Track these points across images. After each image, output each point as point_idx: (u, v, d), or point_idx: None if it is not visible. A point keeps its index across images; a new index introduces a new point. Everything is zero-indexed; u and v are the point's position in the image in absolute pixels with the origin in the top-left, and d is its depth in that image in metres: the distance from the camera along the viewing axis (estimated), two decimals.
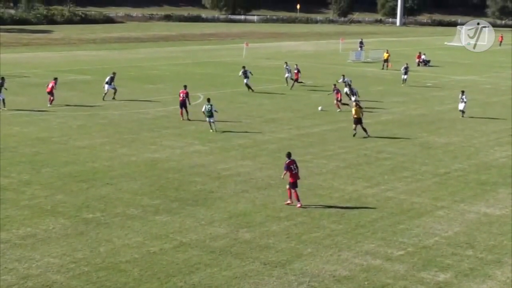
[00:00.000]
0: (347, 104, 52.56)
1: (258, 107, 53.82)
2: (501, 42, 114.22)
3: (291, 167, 29.81)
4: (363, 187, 32.91)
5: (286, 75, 65.99)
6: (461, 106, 50.96)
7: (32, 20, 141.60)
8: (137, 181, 33.02)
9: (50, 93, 51.81)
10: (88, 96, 56.42)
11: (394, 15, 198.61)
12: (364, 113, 44.20)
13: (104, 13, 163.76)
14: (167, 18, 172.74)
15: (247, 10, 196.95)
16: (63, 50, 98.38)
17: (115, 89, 55.08)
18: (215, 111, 44.67)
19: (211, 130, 44.27)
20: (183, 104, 47.48)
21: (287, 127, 46.13)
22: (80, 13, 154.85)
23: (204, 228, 27.02)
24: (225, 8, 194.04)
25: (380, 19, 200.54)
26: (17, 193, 30.60)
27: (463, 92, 51.77)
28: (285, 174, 30.08)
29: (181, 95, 47.70)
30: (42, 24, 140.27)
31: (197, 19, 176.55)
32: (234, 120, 48.29)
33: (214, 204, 29.91)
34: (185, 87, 48.68)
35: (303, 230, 26.95)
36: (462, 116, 50.61)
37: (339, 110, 52.14)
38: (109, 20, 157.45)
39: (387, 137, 43.93)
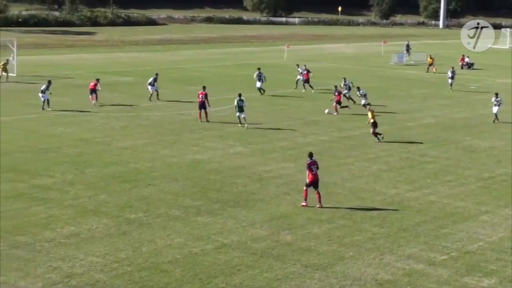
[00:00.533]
0: (347, 107, 52.40)
1: (299, 109, 53.77)
2: None
3: (312, 167, 29.93)
4: (405, 191, 32.72)
5: (298, 77, 65.06)
6: (495, 109, 50.11)
7: (76, 22, 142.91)
8: (179, 182, 33.18)
9: (93, 91, 52.34)
10: (130, 97, 56.79)
11: (436, 17, 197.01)
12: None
13: (147, 15, 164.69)
14: (209, 20, 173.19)
15: (288, 12, 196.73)
16: (106, 51, 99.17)
17: (157, 90, 55.54)
18: (244, 106, 45.85)
19: (239, 125, 44.93)
20: (202, 106, 47.45)
21: (329, 129, 46.04)
22: (123, 15, 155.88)
23: (245, 230, 27.08)
24: (266, 10, 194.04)
25: (423, 22, 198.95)
26: (61, 192, 30.93)
27: (497, 94, 50.98)
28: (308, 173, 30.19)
29: (200, 96, 47.67)
30: (86, 26, 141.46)
31: (239, 21, 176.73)
32: (275, 122, 48.30)
33: (255, 206, 29.95)
34: (204, 88, 48.70)
35: (345, 233, 26.88)
36: (494, 121, 49.73)
37: (336, 113, 51.63)
38: (151, 22, 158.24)
39: (430, 140, 43.62)
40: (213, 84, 64.50)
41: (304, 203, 30.06)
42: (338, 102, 52.18)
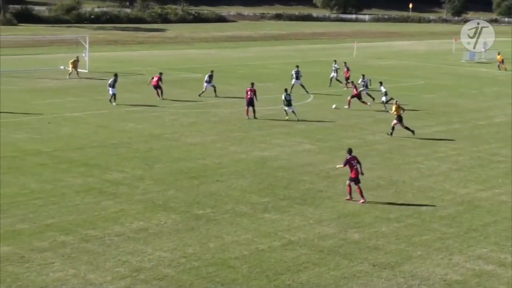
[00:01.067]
0: (365, 103, 51.80)
1: (368, 107, 53.37)
2: None
3: (352, 162, 29.95)
4: (476, 190, 32.25)
5: (332, 75, 64.29)
6: None
7: (147, 19, 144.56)
8: (246, 178, 33.29)
9: (157, 87, 52.95)
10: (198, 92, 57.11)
11: (510, 14, 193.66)
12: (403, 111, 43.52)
13: (217, 12, 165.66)
14: (278, 17, 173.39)
15: (358, 9, 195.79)
16: (176, 48, 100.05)
17: (214, 86, 55.78)
18: (291, 100, 47.00)
19: (287, 117, 46.29)
20: (250, 103, 47.25)
21: (397, 128, 45.58)
22: (193, 12, 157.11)
23: (312, 227, 27.02)
24: (336, 7, 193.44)
25: (496, 19, 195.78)
26: (130, 187, 31.31)
27: None
28: (341, 167, 30.66)
29: (249, 93, 47.39)
30: (156, 22, 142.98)
31: (308, 18, 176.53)
32: (343, 119, 48.09)
33: (322, 204, 29.87)
34: (252, 84, 48.59)
35: (413, 232, 26.61)
36: None
37: (346, 107, 51.55)
38: (221, 19, 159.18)
39: (502, 139, 42.90)
40: (282, 81, 64.50)
41: (348, 197, 30.13)
42: (357, 97, 51.71)
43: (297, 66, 61.15)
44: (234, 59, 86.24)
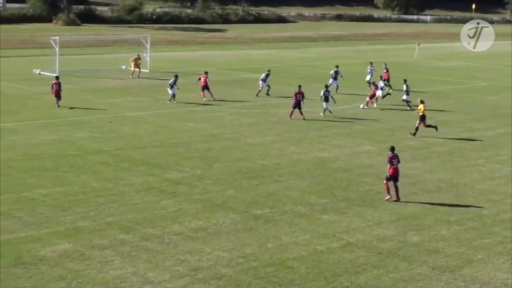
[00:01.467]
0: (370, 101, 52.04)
1: (429, 108, 52.83)
2: None
3: (393, 161, 29.92)
4: None
5: (368, 77, 63.34)
6: None
7: (208, 19, 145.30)
8: (305, 179, 33.24)
9: (206, 87, 53.10)
10: (259, 94, 57.18)
11: None
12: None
13: (277, 12, 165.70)
14: (339, 17, 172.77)
15: (420, 9, 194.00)
16: (236, 48, 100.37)
17: (268, 86, 55.90)
18: (332, 96, 47.71)
19: (321, 114, 46.88)
20: (297, 105, 46.83)
21: (459, 130, 45.11)
22: (254, 13, 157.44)
23: (371, 229, 26.85)
24: (397, 8, 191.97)
25: None
26: (190, 187, 31.50)
27: None
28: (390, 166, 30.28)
29: (297, 95, 46.99)
30: (217, 23, 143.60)
31: (369, 18, 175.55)
32: (404, 121, 47.70)
33: (382, 205, 29.66)
34: (300, 87, 48.16)
35: (474, 236, 26.26)
36: None
37: (363, 106, 51.29)
38: (281, 20, 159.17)
39: None
40: (342, 82, 64.25)
41: (387, 197, 29.98)
42: (372, 97, 51.54)
43: (337, 66, 60.78)
44: (294, 60, 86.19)
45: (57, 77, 50.79)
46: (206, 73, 54.77)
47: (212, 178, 32.89)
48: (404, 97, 51.95)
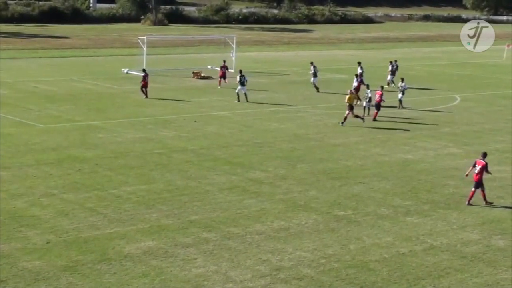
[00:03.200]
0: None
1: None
2: None
3: (476, 166, 29.50)
4: None
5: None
6: None
7: (294, 19, 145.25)
8: (389, 181, 32.93)
9: (223, 76, 57.96)
10: (344, 95, 56.87)
11: None
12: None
13: (363, 13, 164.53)
14: (426, 18, 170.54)
15: (510, 10, 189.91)
16: (322, 49, 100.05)
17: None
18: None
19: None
20: (378, 106, 46.46)
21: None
22: (340, 13, 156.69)
23: (455, 233, 26.45)
24: (486, 9, 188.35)
25: None
26: (273, 187, 31.56)
27: None
28: (470, 170, 29.93)
29: (377, 96, 46.62)
30: (303, 23, 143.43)
31: (457, 19, 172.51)
32: (492, 123, 46.84)
33: (467, 209, 29.18)
34: (382, 88, 47.73)
35: None
36: None
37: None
38: (368, 20, 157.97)
39: None
40: (427, 83, 63.59)
41: (468, 202, 29.70)
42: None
43: (395, 61, 61.68)
44: (380, 60, 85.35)
45: (144, 70, 54.27)
46: (224, 61, 60.15)
47: (295, 178, 32.89)
48: (400, 95, 50.87)
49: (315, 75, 57.78)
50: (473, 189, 29.59)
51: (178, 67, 70.76)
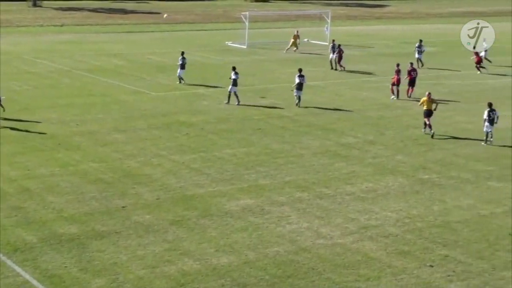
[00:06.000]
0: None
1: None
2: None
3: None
4: None
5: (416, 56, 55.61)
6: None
7: None
8: (471, 147, 32.35)
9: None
10: (431, 67, 55.79)
11: None
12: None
13: None
14: None
15: None
16: (412, 23, 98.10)
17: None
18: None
19: None
20: (412, 83, 43.18)
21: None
22: None
23: None
24: None
25: None
26: (362, 151, 31.37)
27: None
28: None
29: (412, 73, 43.33)
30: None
31: None
32: None
33: None
34: (412, 64, 44.74)
35: None
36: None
37: (393, 97, 43.22)
38: None
39: None
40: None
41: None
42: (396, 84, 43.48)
43: (421, 41, 56.47)
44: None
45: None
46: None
47: (383, 144, 32.60)
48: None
49: (419, 52, 55.22)
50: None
51: (276, 40, 70.62)
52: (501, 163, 29.85)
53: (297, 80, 40.20)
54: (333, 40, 55.75)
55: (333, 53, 53.29)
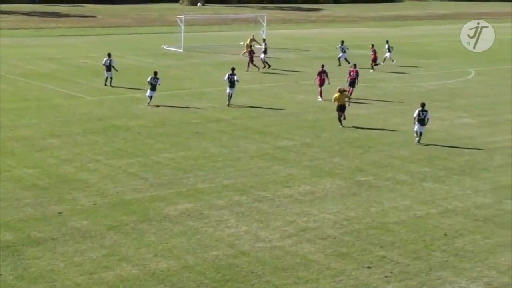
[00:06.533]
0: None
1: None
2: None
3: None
4: None
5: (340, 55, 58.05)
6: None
7: None
8: (407, 149, 32.75)
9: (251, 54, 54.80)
10: (366, 69, 56.48)
11: None
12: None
13: None
14: None
15: None
16: (346, 26, 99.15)
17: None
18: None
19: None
20: (352, 83, 43.58)
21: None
22: None
23: (469, 197, 26.30)
24: None
25: None
26: (299, 154, 31.51)
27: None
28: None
29: (351, 73, 43.69)
30: (329, 3, 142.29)
31: None
32: (504, 95, 46.30)
33: (480, 175, 28.98)
34: (355, 65, 45.06)
35: None
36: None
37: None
38: (389, 0, 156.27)
39: None
40: (445, 58, 63.04)
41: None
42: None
43: (342, 42, 58.49)
44: (400, 37, 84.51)
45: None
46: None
47: (320, 146, 32.81)
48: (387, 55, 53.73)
49: (343, 52, 56.98)
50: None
51: (212, 44, 70.55)
52: (436, 164, 30.34)
53: (228, 78, 40.65)
54: (264, 40, 57.61)
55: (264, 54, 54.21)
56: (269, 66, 54.22)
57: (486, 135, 35.60)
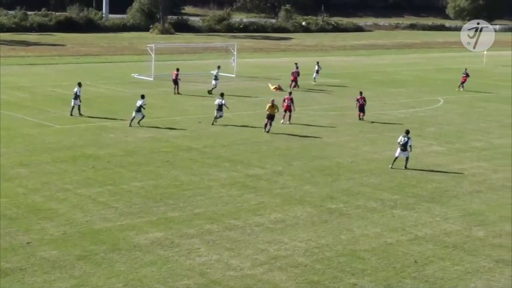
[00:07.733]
0: None
1: (496, 112, 51.85)
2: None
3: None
4: None
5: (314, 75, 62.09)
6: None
7: (290, 28, 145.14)
8: (377, 177, 32.94)
9: (175, 81, 56.32)
10: (337, 97, 56.93)
11: None
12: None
13: (354, 22, 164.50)
14: (412, 27, 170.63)
15: (490, 19, 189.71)
16: (316, 55, 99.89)
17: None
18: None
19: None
20: (361, 108, 46.46)
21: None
22: (333, 22, 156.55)
23: (438, 224, 26.48)
24: (468, 18, 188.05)
25: None
26: (270, 182, 31.55)
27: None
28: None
29: (360, 100, 46.60)
30: (298, 32, 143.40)
31: (441, 28, 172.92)
32: (472, 123, 46.85)
33: (449, 202, 29.21)
34: (361, 93, 47.28)
35: None
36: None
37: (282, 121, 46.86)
38: (358, 29, 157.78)
39: None
40: (414, 86, 63.70)
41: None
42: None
43: (317, 62, 64.18)
44: (369, 66, 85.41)
45: (177, 69, 56.98)
46: (177, 69, 57.34)
47: (291, 174, 32.88)
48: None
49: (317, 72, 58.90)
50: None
51: (183, 73, 70.59)
52: (406, 192, 30.54)
53: (217, 102, 43.72)
54: (218, 67, 58.99)
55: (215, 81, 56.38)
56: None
57: (454, 162, 35.94)
